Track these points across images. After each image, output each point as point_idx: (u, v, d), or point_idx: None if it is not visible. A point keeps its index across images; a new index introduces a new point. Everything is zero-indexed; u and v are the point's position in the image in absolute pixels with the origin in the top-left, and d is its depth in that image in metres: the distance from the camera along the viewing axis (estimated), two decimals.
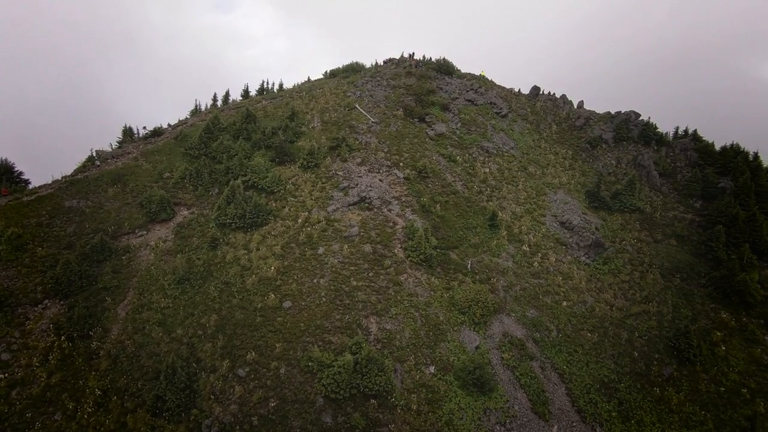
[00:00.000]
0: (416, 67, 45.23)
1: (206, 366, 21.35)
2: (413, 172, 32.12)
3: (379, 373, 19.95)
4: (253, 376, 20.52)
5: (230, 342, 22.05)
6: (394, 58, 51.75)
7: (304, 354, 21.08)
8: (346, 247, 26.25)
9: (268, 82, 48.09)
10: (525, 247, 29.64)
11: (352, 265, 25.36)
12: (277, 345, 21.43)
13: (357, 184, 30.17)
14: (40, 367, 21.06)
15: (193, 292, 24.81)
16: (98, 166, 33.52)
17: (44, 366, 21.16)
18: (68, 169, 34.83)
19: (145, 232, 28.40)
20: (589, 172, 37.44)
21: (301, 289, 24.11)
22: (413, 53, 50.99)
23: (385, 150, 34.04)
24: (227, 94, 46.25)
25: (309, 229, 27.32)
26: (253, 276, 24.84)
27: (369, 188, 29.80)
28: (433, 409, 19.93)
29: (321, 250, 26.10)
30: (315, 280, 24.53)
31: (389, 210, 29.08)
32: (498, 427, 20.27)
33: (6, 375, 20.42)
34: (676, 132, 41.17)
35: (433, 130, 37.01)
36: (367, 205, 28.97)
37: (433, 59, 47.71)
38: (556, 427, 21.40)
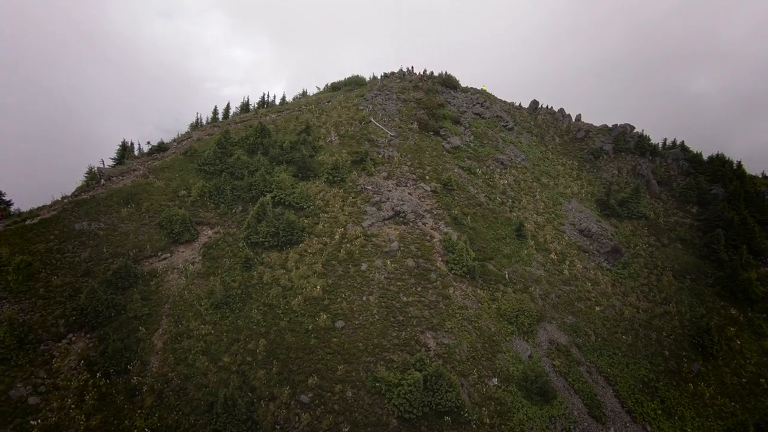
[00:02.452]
0: (421, 81, 46.06)
1: (263, 394, 20.22)
2: (438, 185, 32.50)
3: (449, 389, 19.77)
4: (318, 401, 19.67)
5: (286, 367, 21.05)
6: (394, 72, 52.45)
7: (368, 374, 20.51)
8: (389, 262, 25.99)
9: (268, 95, 47.09)
10: (553, 256, 30.69)
11: (399, 280, 25.12)
12: (339, 367, 20.71)
13: (388, 198, 30.07)
14: (76, 409, 19.04)
15: (233, 316, 23.52)
16: (102, 185, 31.21)
17: (80, 408, 19.16)
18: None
19: (168, 255, 26.68)
20: (595, 181, 39.57)
21: (352, 307, 23.53)
22: (412, 67, 51.98)
23: (408, 163, 34.24)
24: (227, 107, 44.78)
25: (348, 245, 26.81)
26: (299, 296, 23.95)
27: (401, 202, 29.78)
28: (504, 421, 19.99)
29: (364, 267, 25.66)
30: (364, 298, 24.05)
31: (423, 223, 29.17)
32: None
33: (39, 422, 18.27)
34: (665, 143, 44.59)
35: (449, 143, 37.71)
36: (402, 219, 28.91)
37: (434, 73, 48.82)
38: (612, 429, 22.09)
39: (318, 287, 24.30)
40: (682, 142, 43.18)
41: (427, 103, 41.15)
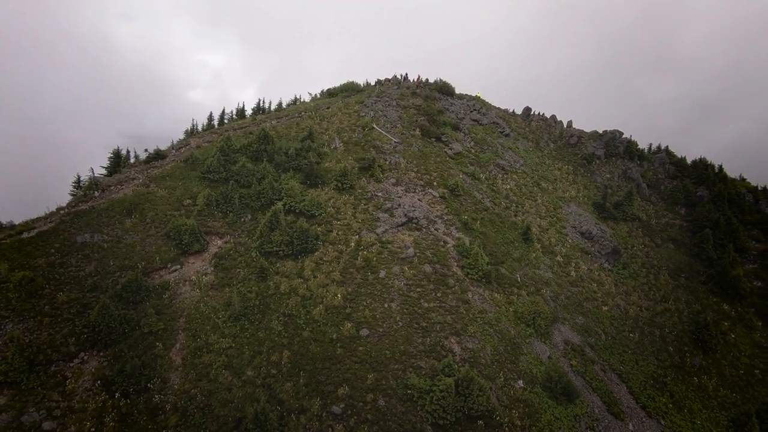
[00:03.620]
0: (418, 87, 46.62)
1: (292, 407, 19.79)
2: (446, 190, 32.92)
3: (480, 393, 19.98)
4: (350, 411, 19.43)
5: (313, 378, 20.70)
6: (388, 78, 52.84)
7: (398, 382, 20.46)
8: (407, 268, 26.07)
9: (263, 101, 46.44)
10: (558, 258, 31.61)
11: (418, 286, 25.23)
12: (369, 376, 20.55)
13: (399, 205, 30.20)
14: None
15: (253, 328, 22.95)
16: (100, 194, 29.85)
17: (100, 430, 18.18)
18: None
19: (179, 266, 25.77)
20: (590, 185, 41.10)
21: (374, 315, 23.43)
22: (407, 74, 52.53)
23: (415, 170, 34.52)
24: (223, 114, 43.81)
25: (365, 252, 26.71)
26: (320, 306, 23.64)
27: (413, 208, 29.98)
28: (534, 422, 20.37)
29: (382, 274, 25.63)
30: (386, 305, 24.00)
31: (435, 229, 29.45)
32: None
33: None
34: (650, 147, 46.89)
35: (451, 149, 38.29)
36: (415, 225, 29.08)
37: (429, 80, 49.52)
38: (630, 424, 22.89)
39: (339, 296, 24.07)
40: (666, 147, 45.62)
41: (427, 110, 41.69)
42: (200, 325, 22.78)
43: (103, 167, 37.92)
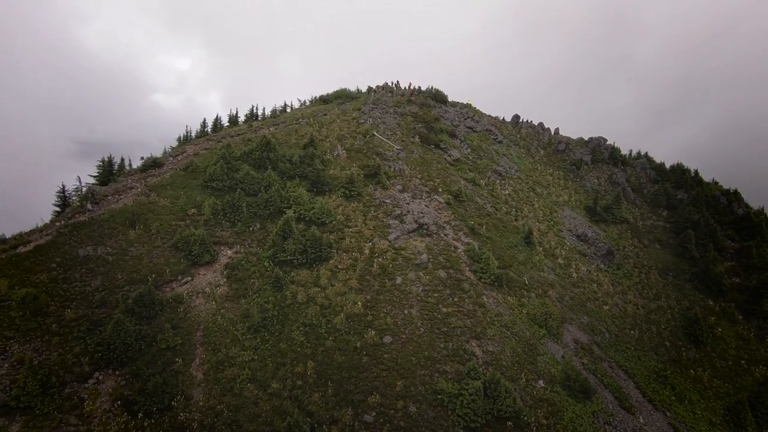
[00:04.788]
0: (413, 95, 47.33)
1: (322, 418, 19.56)
2: (450, 196, 33.57)
3: (507, 395, 20.48)
4: (382, 419, 19.42)
5: (341, 387, 20.55)
6: (379, 85, 53.30)
7: (426, 387, 20.64)
8: (422, 274, 26.37)
9: (257, 107, 45.75)
10: (560, 260, 32.86)
11: (435, 291, 25.56)
12: (397, 383, 20.61)
13: (409, 211, 30.53)
14: None
15: (274, 339, 22.53)
16: (96, 204, 28.46)
17: None
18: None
19: (189, 278, 24.94)
20: (580, 190, 43.00)
21: (396, 321, 23.54)
22: (398, 81, 53.20)
23: (419, 176, 35.01)
24: (217, 119, 42.79)
25: (380, 259, 26.81)
26: (341, 314, 23.51)
27: (422, 215, 30.38)
28: (558, 421, 21.05)
29: (399, 280, 25.81)
30: (406, 311, 24.17)
31: (445, 235, 29.96)
32: (607, 427, 22.16)
33: None
34: (631, 153, 49.69)
35: (450, 156, 39.09)
36: (425, 231, 29.47)
37: (422, 88, 50.36)
38: (641, 418, 24.06)
39: (359, 303, 24.03)
40: (646, 153, 48.59)
41: (424, 117, 42.41)
42: (219, 339, 22.12)
43: (92, 176, 36.22)
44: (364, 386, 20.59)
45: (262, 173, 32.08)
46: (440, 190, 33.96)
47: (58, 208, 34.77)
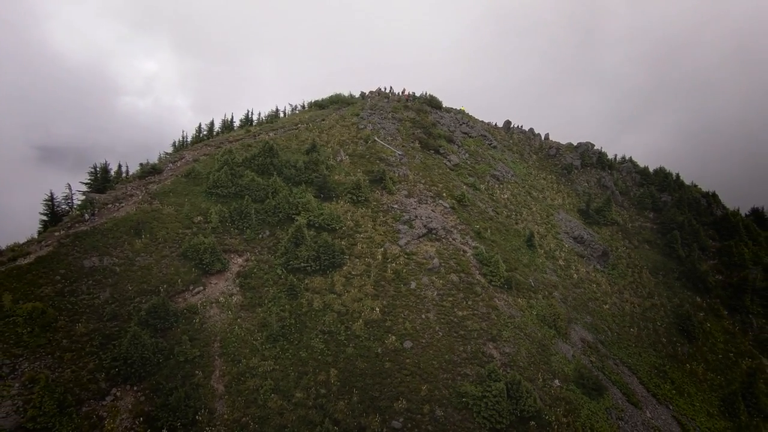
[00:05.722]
0: (408, 101, 47.85)
1: (350, 426, 19.47)
2: (454, 201, 34.14)
3: (528, 395, 21.01)
4: (410, 425, 19.51)
5: (366, 394, 20.53)
6: (372, 91, 53.62)
7: (450, 391, 20.90)
8: (435, 278, 26.69)
9: (251, 112, 45.11)
10: (560, 262, 33.95)
11: (449, 295, 25.91)
12: (422, 387, 20.77)
13: (417, 216, 30.85)
14: None
15: (294, 348, 22.26)
16: (95, 214, 27.31)
17: None
18: None
19: (201, 288, 24.31)
20: (572, 193, 44.57)
21: (414, 326, 23.72)
22: (392, 87, 53.70)
23: (422, 181, 35.41)
24: (211, 125, 41.90)
25: (393, 264, 26.95)
26: (359, 321, 23.49)
27: (429, 219, 30.75)
28: (576, 418, 21.73)
29: (413, 285, 26.03)
30: (423, 316, 24.39)
31: (453, 239, 30.43)
32: (620, 423, 23.04)
33: None
34: (616, 158, 51.91)
35: (449, 161, 39.75)
36: (434, 235, 29.84)
37: (416, 93, 51.02)
38: (648, 412, 25.14)
39: (377, 309, 24.07)
40: (630, 157, 50.89)
41: (422, 123, 42.96)
42: (238, 349, 21.66)
43: (84, 183, 34.75)
44: (389, 392, 20.64)
45: (268, 179, 31.67)
46: (444, 194, 34.47)
47: (45, 217, 33.26)
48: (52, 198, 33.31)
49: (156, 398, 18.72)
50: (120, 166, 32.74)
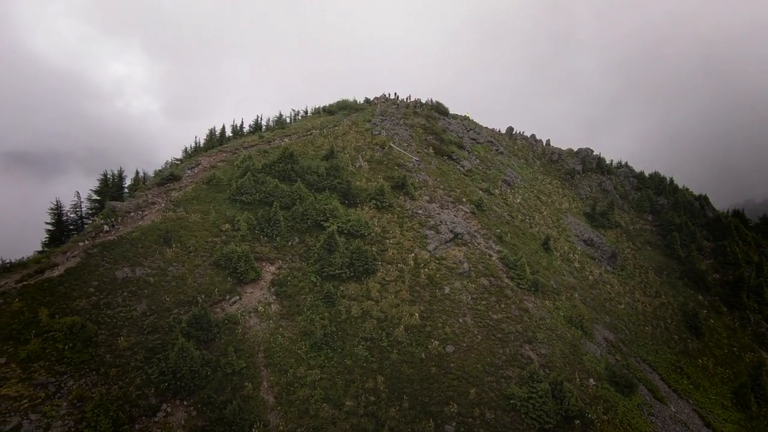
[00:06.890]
0: (416, 107, 48.41)
1: None
2: (473, 206, 34.77)
3: (571, 395, 21.65)
4: (463, 429, 19.74)
5: (417, 400, 20.65)
6: (377, 97, 53.94)
7: (497, 393, 21.28)
8: (467, 282, 27.13)
9: (261, 118, 44.58)
10: (576, 264, 35.08)
11: (482, 299, 26.39)
12: (470, 391, 21.07)
13: (442, 221, 31.26)
14: None
15: (338, 356, 22.15)
16: (118, 222, 26.38)
17: None
18: None
19: (237, 297, 23.81)
20: (576, 197, 46.15)
21: (454, 330, 24.03)
22: (396, 93, 54.16)
23: (441, 187, 35.91)
24: (223, 130, 41.14)
25: (425, 270, 27.22)
26: (400, 326, 23.61)
27: (454, 224, 31.23)
28: (615, 416, 22.53)
29: (447, 290, 26.36)
30: (461, 320, 24.74)
31: (478, 243, 31.00)
32: (651, 418, 24.03)
33: None
34: (612, 162, 54.13)
35: (462, 167, 40.47)
36: (461, 240, 30.31)
37: (422, 100, 51.66)
38: (672, 406, 26.29)
39: (416, 315, 24.26)
40: (626, 162, 53.19)
41: (433, 129, 43.57)
42: (283, 359, 21.36)
43: (93, 190, 33.38)
44: (438, 397, 20.82)
45: (291, 186, 31.39)
46: (464, 200, 35.06)
47: (51, 227, 31.81)
48: (58, 206, 31.90)
49: (208, 413, 18.24)
50: (137, 173, 31.56)
